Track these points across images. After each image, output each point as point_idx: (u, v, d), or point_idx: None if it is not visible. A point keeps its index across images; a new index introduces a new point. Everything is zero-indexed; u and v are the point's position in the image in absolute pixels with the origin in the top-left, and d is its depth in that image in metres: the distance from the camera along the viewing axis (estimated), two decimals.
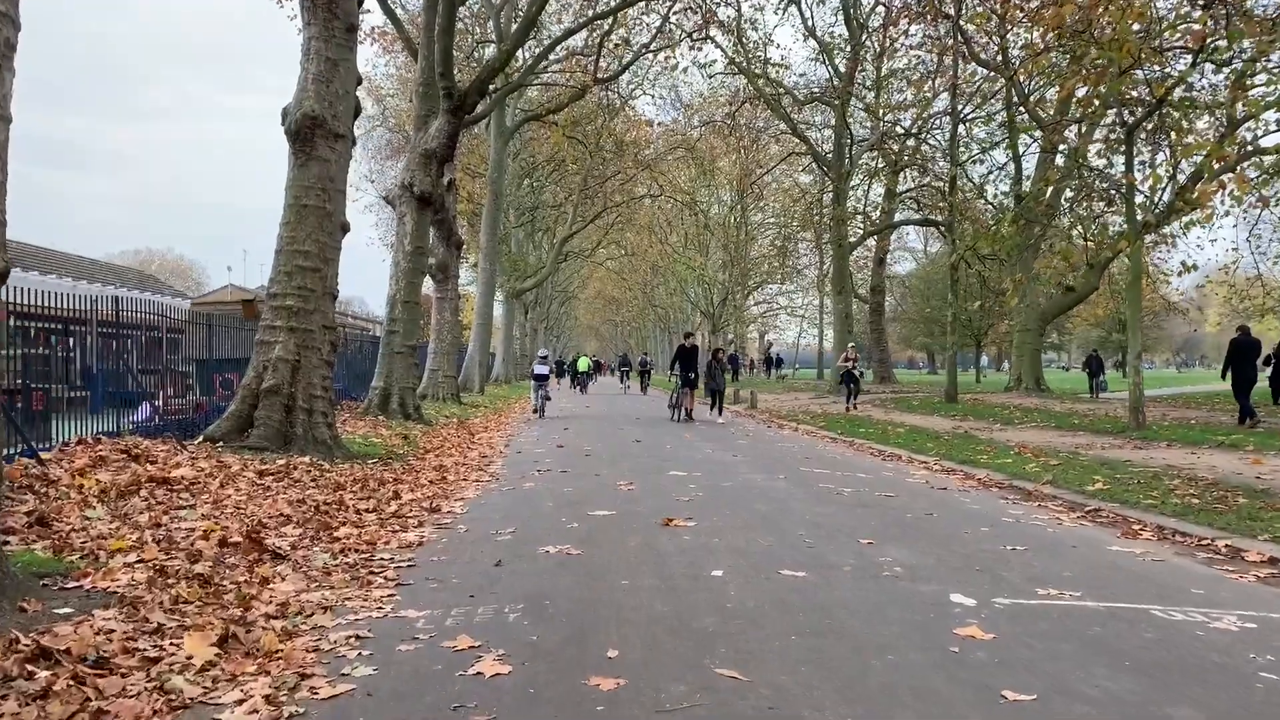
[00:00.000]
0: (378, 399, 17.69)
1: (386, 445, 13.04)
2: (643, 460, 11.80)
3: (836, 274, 32.85)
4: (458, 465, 11.31)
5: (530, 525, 6.96)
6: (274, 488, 8.42)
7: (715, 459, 12.00)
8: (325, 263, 11.62)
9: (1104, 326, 68.06)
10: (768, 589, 4.90)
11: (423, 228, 18.58)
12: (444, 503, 8.21)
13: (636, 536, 6.39)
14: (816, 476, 10.15)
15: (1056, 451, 12.44)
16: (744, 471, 10.52)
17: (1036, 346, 30.14)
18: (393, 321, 18.08)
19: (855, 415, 21.46)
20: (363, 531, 6.80)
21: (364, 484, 9.05)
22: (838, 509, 7.76)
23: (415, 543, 6.41)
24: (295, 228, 11.54)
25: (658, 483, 9.41)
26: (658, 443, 14.53)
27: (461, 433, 16.30)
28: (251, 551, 5.91)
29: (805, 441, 15.57)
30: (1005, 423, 18.13)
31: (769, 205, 53.72)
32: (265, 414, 10.98)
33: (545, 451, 13.12)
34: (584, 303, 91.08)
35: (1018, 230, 21.39)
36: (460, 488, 9.23)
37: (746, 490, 8.86)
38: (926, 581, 5.11)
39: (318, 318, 11.48)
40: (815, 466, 11.20)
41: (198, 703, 3.39)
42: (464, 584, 5.12)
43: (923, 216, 36.45)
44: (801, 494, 8.63)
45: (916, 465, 11.89)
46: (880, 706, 3.22)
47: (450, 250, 24.78)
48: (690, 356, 20.44)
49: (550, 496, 8.48)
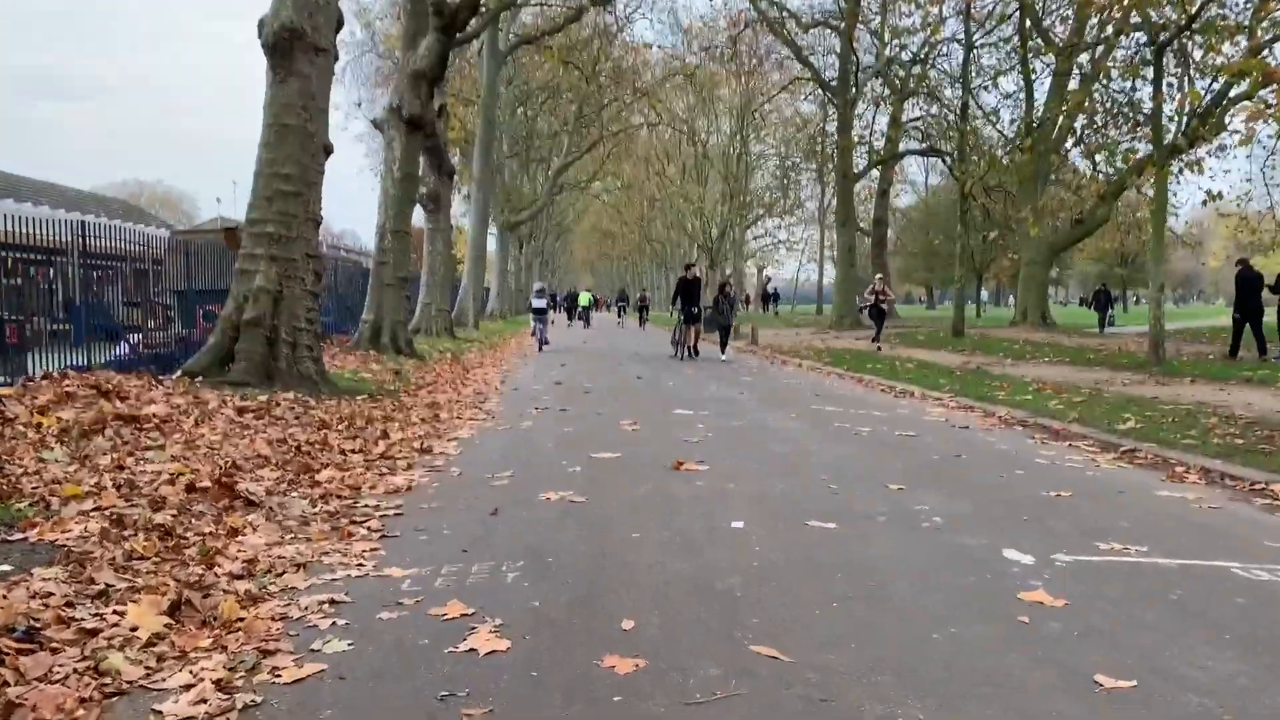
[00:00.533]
0: (368, 333, 17.06)
1: (377, 381, 12.47)
2: (646, 398, 11.25)
3: (840, 206, 32.01)
4: (451, 402, 10.75)
5: (529, 468, 6.42)
6: (253, 426, 7.86)
7: (721, 397, 11.45)
8: (307, 186, 10.90)
9: (1106, 261, 67.34)
10: (796, 544, 4.37)
11: (412, 153, 17.73)
12: (436, 443, 7.66)
13: (645, 482, 5.85)
14: (830, 415, 9.61)
15: (1077, 388, 11.91)
16: (753, 410, 9.97)
17: (1043, 280, 29.51)
18: (382, 252, 17.36)
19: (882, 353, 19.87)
20: (347, 475, 6.25)
21: (350, 422, 8.49)
22: (858, 450, 7.23)
23: (404, 487, 5.87)
24: (275, 149, 10.79)
25: (663, 422, 8.86)
26: (660, 380, 13.98)
27: (456, 368, 15.72)
28: (222, 498, 5.36)
29: (812, 378, 15.03)
30: (1016, 358, 17.59)
31: (770, 135, 52.44)
32: (246, 347, 10.37)
33: (543, 388, 12.56)
34: (579, 237, 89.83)
35: (1031, 159, 20.59)
36: (454, 427, 8.68)
37: (758, 430, 8.32)
38: (972, 534, 4.58)
39: (300, 245, 10.80)
40: (827, 404, 10.67)
41: (136, 687, 2.86)
42: (456, 536, 4.58)
43: (929, 146, 35.38)
44: (817, 434, 8.09)
45: (931, 402, 11.36)
46: (953, 697, 2.69)
47: (442, 179, 23.91)
48: (693, 289, 19.09)
49: (550, 437, 7.94)
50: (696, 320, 19.18)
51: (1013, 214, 35.96)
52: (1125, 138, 20.34)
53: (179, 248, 14.81)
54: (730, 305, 20.02)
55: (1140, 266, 66.16)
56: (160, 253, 14.37)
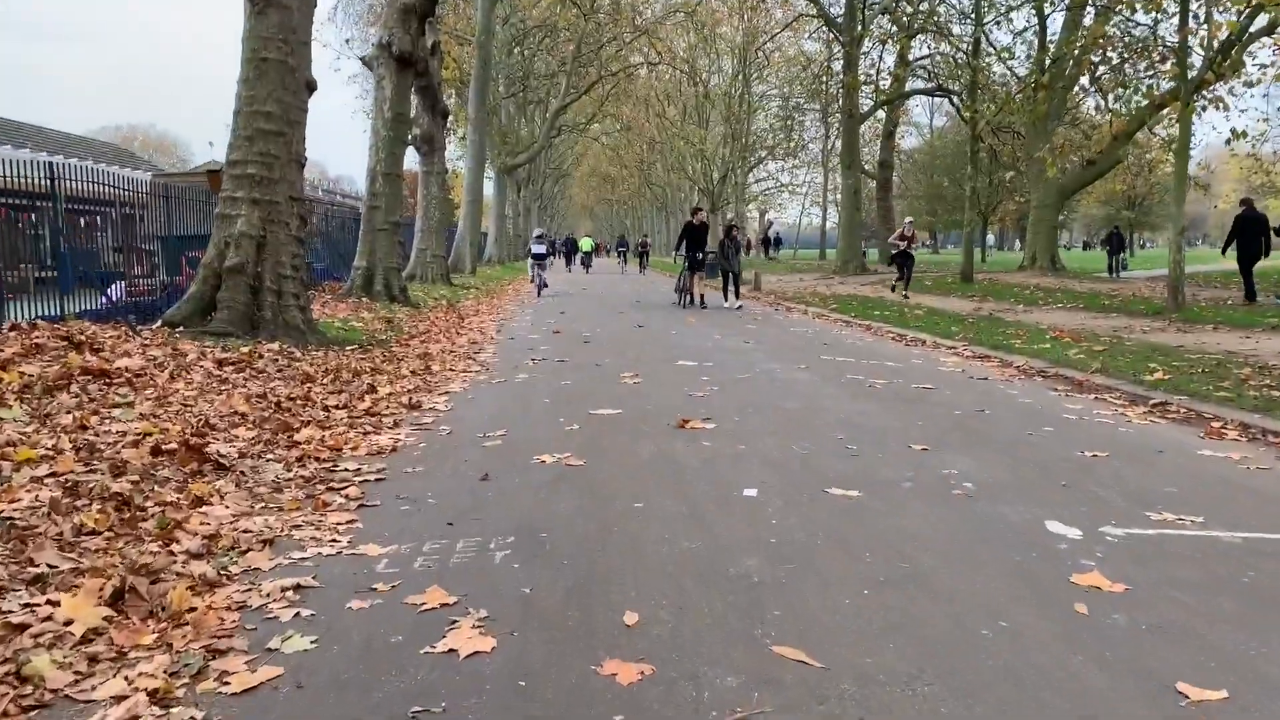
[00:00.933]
0: (360, 280, 16.56)
1: (368, 330, 12.01)
2: (647, 349, 10.80)
3: (845, 147, 31.20)
4: (444, 353, 10.31)
5: (523, 426, 5.99)
6: (232, 380, 7.42)
7: (726, 347, 11.00)
8: (290, 125, 10.32)
9: (1113, 203, 66.35)
10: (816, 516, 3.95)
11: (403, 92, 17.04)
12: (426, 397, 7.24)
13: (648, 442, 5.43)
14: (841, 366, 9.17)
15: (1096, 335, 11.46)
16: (760, 361, 9.53)
17: (1053, 224, 28.86)
18: (374, 196, 16.77)
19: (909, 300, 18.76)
20: (328, 434, 5.83)
21: (336, 375, 8.05)
22: (875, 405, 6.80)
23: (388, 448, 5.45)
24: (254, 85, 10.20)
25: (666, 375, 8.42)
26: (662, 329, 13.51)
27: (450, 316, 15.26)
28: (190, 461, 4.94)
29: (819, 326, 14.56)
30: (1028, 304, 17.11)
31: (773, 75, 51.16)
32: (229, 296, 9.91)
33: (540, 338, 12.11)
34: (578, 181, 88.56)
35: (1046, 97, 19.85)
36: (445, 379, 8.24)
37: (767, 383, 7.87)
38: (1009, 503, 4.17)
39: (283, 188, 10.27)
40: (837, 354, 10.22)
41: (61, 697, 2.46)
42: (441, 505, 4.17)
43: (938, 85, 34.41)
44: (830, 388, 7.65)
45: (944, 351, 10.92)
46: (1019, 710, 2.29)
47: (436, 120, 23.16)
48: (699, 235, 17.99)
49: (546, 391, 7.50)
50: (701, 267, 18.17)
51: (1022, 155, 35.20)
52: (1145, 74, 19.55)
53: (160, 191, 14.23)
54: (736, 250, 18.78)
55: (1148, 210, 65.29)
56: (142, 197, 13.80)
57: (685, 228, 18.51)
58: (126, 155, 43.37)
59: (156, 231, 13.95)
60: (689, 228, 18.19)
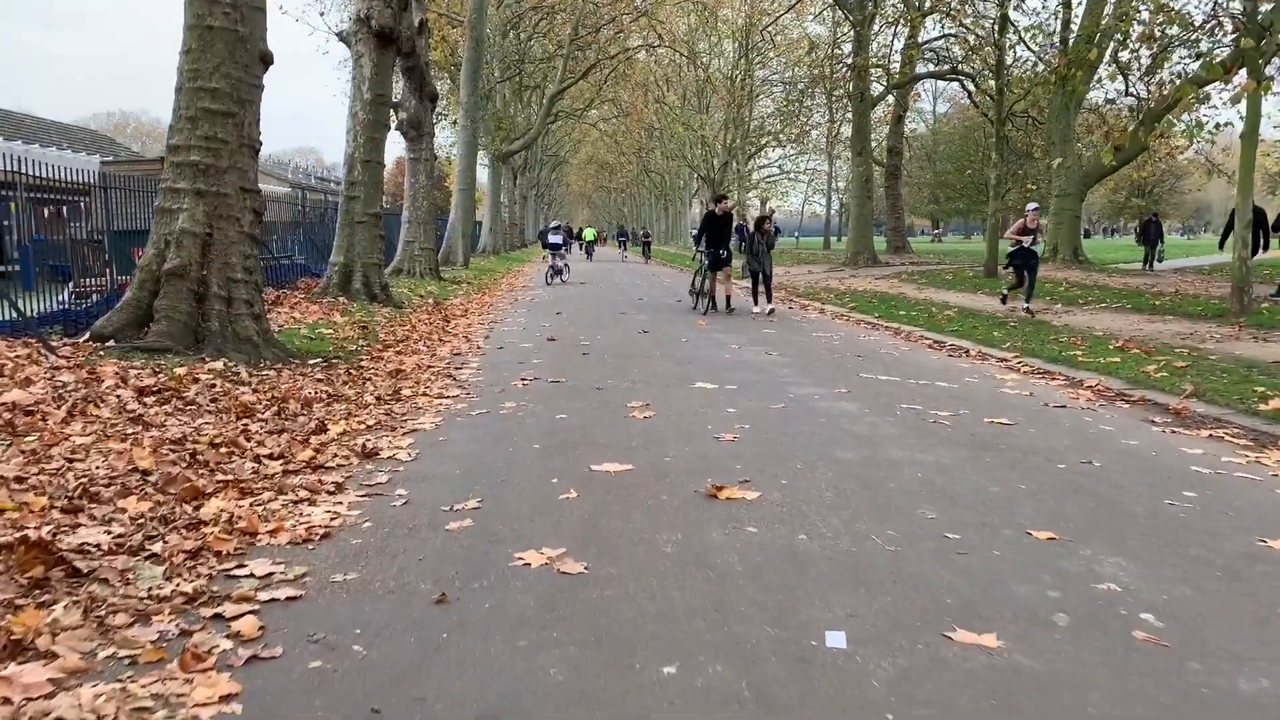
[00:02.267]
0: (337, 278, 15.12)
1: (338, 339, 10.58)
2: (656, 362, 9.37)
3: (855, 133, 29.72)
4: (420, 369, 8.88)
5: (504, 491, 4.57)
6: (150, 416, 6.00)
7: (747, 360, 9.57)
8: (240, 105, 8.87)
9: (1121, 191, 64.84)
10: (952, 695, 2.54)
11: (384, 71, 15.55)
12: (387, 439, 5.82)
13: (671, 526, 4.00)
14: (888, 389, 7.75)
15: (1168, 346, 10.04)
16: (791, 381, 8.10)
17: (1076, 213, 27.37)
18: (352, 185, 15.31)
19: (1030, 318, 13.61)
20: (247, 505, 4.43)
21: (283, 406, 6.63)
22: (952, 454, 5.37)
23: (320, 530, 4.03)
24: (199, 58, 8.75)
25: (682, 402, 6.99)
26: (670, 335, 12.08)
27: (435, 319, 13.81)
28: (33, 565, 3.52)
29: (842, 329, 13.13)
30: (1068, 303, 15.69)
31: (775, 60, 49.51)
32: (168, 304, 8.48)
33: (533, 346, 10.67)
34: (576, 168, 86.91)
35: (1084, 75, 18.37)
36: (415, 410, 6.81)
37: (808, 418, 6.44)
38: (1233, 665, 2.75)
39: (233, 177, 8.83)
40: (878, 371, 8.79)
41: None
42: (369, 663, 2.76)
43: (952, 67, 32.86)
44: (887, 425, 6.22)
45: (996, 365, 9.51)
46: None
47: (423, 103, 21.66)
48: (721, 227, 15.22)
49: (536, 428, 6.07)
50: (726, 264, 15.28)
51: (1039, 142, 33.68)
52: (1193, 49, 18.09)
53: (108, 181, 12.75)
54: (770, 246, 15.48)
55: (1157, 198, 63.76)
56: (84, 185, 12.33)
57: (706, 219, 15.79)
58: (106, 142, 41.76)
59: (108, 226, 12.46)
60: (710, 219, 15.51)
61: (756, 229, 15.53)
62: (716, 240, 15.06)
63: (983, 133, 50.79)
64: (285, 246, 19.19)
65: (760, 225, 15.59)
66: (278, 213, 18.97)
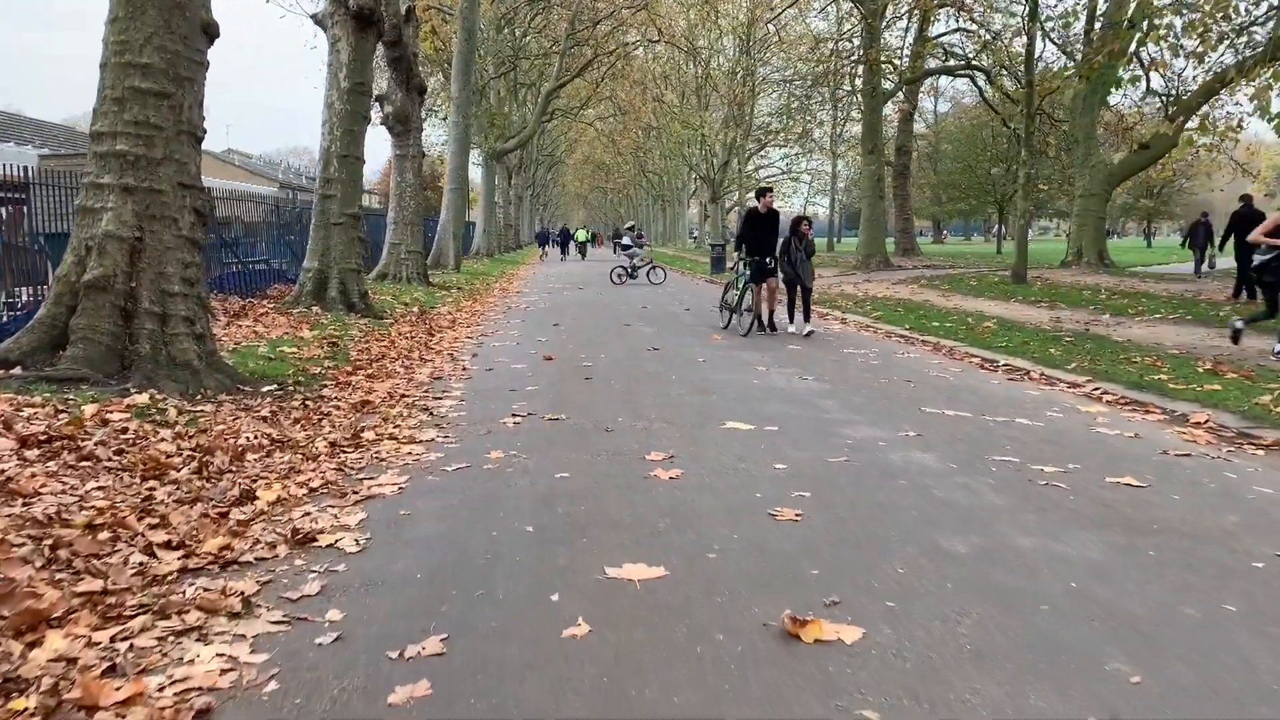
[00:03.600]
0: (311, 285, 13.67)
1: (301, 359, 9.14)
2: (672, 389, 7.94)
3: (867, 129, 28.34)
4: (393, 398, 7.44)
5: (480, 624, 3.12)
6: (24, 480, 4.55)
7: (779, 387, 8.14)
8: (178, 84, 7.45)
9: (1131, 192, 63.46)
10: None
11: (364, 57, 14.10)
12: (333, 511, 4.39)
13: (739, 703, 2.57)
14: (962, 429, 6.33)
15: (1270, 371, 8.63)
16: (841, 418, 6.66)
17: (1101, 215, 25.99)
18: (327, 183, 13.86)
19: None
20: (99, 633, 3.01)
21: (207, 460, 5.19)
22: (1102, 546, 3.94)
23: (196, 704, 2.60)
24: (127, 26, 7.34)
25: (714, 452, 5.55)
26: (683, 353, 10.65)
27: (418, 332, 12.36)
28: None
29: (874, 344, 11.72)
30: (1116, 313, 14.28)
31: (776, 57, 48.06)
32: (87, 323, 7.05)
33: (527, 368, 9.23)
34: (572, 169, 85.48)
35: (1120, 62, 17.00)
36: (377, 462, 5.37)
37: (882, 476, 4.99)
38: None
39: (169, 170, 7.40)
40: (939, 402, 7.37)
41: None
42: None
43: (966, 61, 31.48)
44: (987, 488, 4.79)
45: (1067, 390, 8.11)
46: None
47: (411, 96, 20.24)
48: (767, 228, 12.55)
49: (530, 497, 4.63)
50: (773, 274, 12.56)
51: (1054, 141, 32.30)
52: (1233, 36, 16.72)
53: (48, 178, 11.31)
54: (809, 253, 12.65)
55: (1166, 199, 62.46)
56: (18, 181, 10.86)
57: (747, 218, 12.96)
58: (81, 138, 40.13)
59: (34, 229, 11.02)
60: (753, 218, 12.67)
61: (793, 232, 12.71)
62: (761, 245, 12.39)
63: (990, 131, 49.57)
64: (259, 250, 17.73)
65: (797, 227, 12.73)
66: (250, 213, 17.52)
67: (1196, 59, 18.52)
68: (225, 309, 12.61)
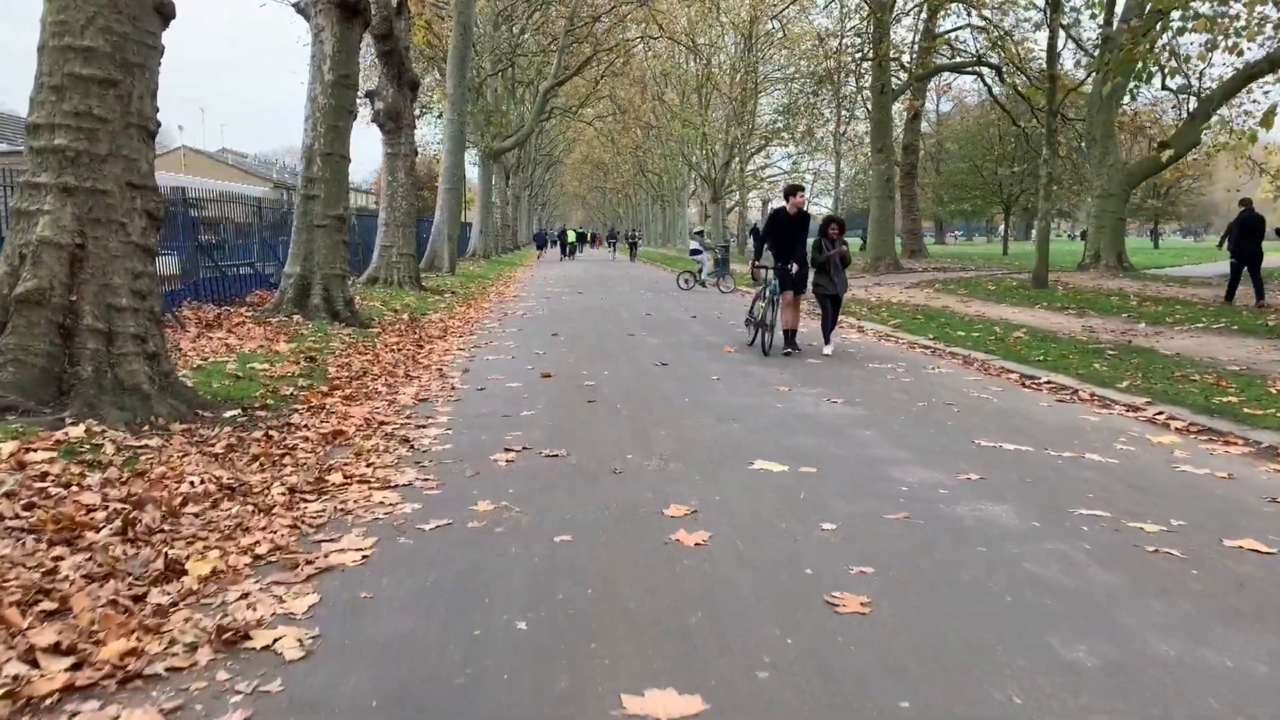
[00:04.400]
0: (292, 292, 12.77)
1: (270, 377, 8.24)
2: (686, 416, 7.05)
3: (876, 128, 27.46)
4: (370, 425, 6.55)
5: None
6: None
7: (807, 412, 7.25)
8: (126, 70, 6.57)
9: (1138, 192, 62.54)
10: None
11: (349, 48, 13.20)
12: (277, 592, 3.50)
13: None
14: (1030, 469, 5.44)
15: None
16: (885, 454, 5.77)
17: (1120, 215, 25.12)
18: (310, 183, 12.96)
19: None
20: None
21: (135, 517, 4.29)
22: (1262, 653, 3.06)
23: None
24: (67, 4, 6.48)
25: (745, 505, 4.65)
26: (694, 369, 9.76)
27: (406, 342, 11.47)
28: None
29: (899, 356, 10.84)
30: (1151, 321, 13.39)
31: (779, 56, 47.14)
32: (18, 343, 6.15)
33: (522, 387, 8.34)
34: (570, 169, 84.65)
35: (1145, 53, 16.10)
36: (341, 515, 4.48)
37: (956, 540, 4.09)
38: None
39: (116, 168, 6.51)
40: (990, 430, 6.48)
41: None
42: None
43: (977, 58, 30.60)
44: (1084, 556, 3.89)
45: (1126, 414, 7.23)
46: None
47: (403, 92, 19.36)
48: (795, 233, 10.72)
49: (522, 572, 3.73)
50: (800, 287, 10.76)
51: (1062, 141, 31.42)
52: None
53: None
54: (844, 262, 10.88)
55: (1173, 200, 61.62)
56: None
57: (773, 219, 11.03)
58: None
59: None
60: (779, 219, 10.83)
61: (822, 233, 10.86)
62: (787, 251, 10.63)
63: (996, 130, 48.72)
64: (243, 252, 16.83)
65: (827, 229, 10.88)
66: (231, 214, 16.62)
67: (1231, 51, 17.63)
68: (199, 318, 11.73)
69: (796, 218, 10.76)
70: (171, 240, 13.70)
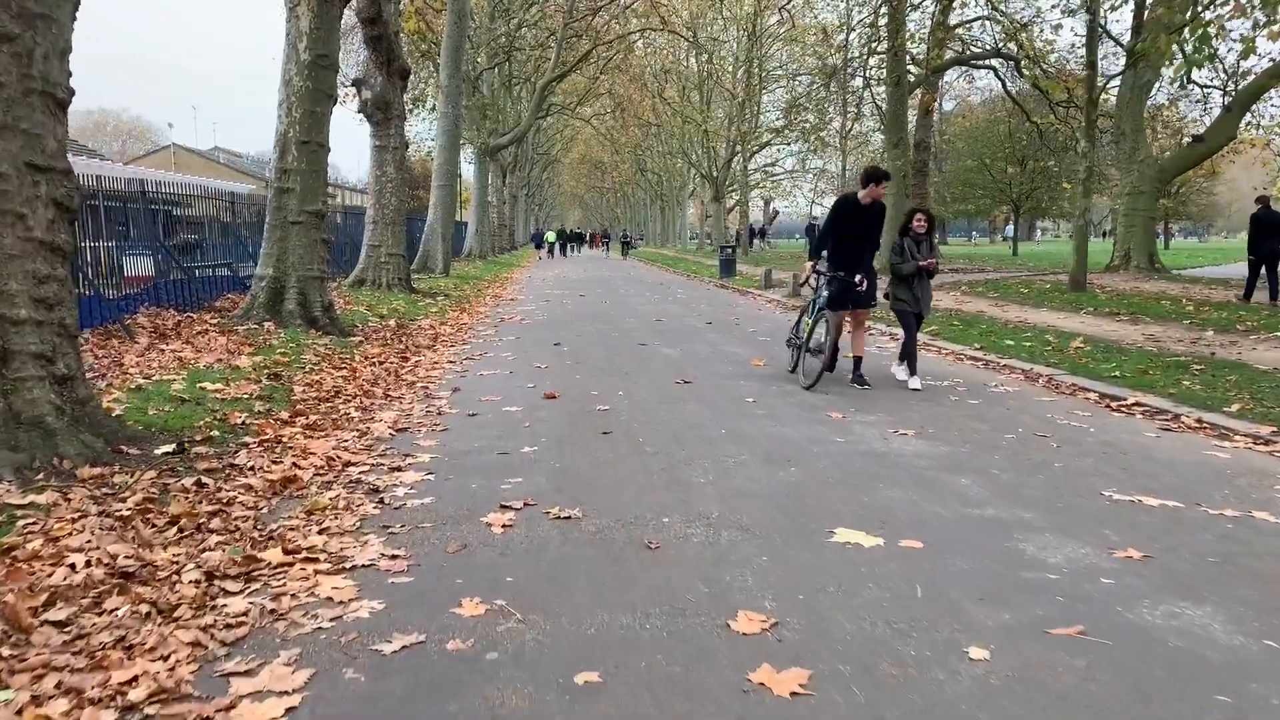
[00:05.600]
0: (264, 296, 11.41)
1: (221, 401, 6.88)
2: (727, 454, 5.71)
3: (890, 123, 26.13)
4: (332, 468, 5.21)
5: None
6: None
7: (875, 450, 5.90)
8: (26, 23, 5.24)
9: None
10: None
11: (328, 25, 11.83)
12: None
13: None
14: (1200, 540, 4.11)
15: None
16: (1010, 520, 4.43)
17: (1151, 214, 23.85)
18: (284, 174, 11.59)
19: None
20: None
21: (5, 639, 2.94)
22: None
23: None
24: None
25: (847, 614, 3.31)
26: (726, 391, 8.40)
27: (389, 354, 10.12)
28: None
29: (955, 371, 9.50)
30: (1220, 329, 12.06)
31: (782, 52, 45.81)
32: None
33: (522, 412, 6.99)
34: (568, 168, 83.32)
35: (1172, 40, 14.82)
36: (264, 637, 3.14)
37: (1180, 689, 2.77)
38: None
39: (12, 144, 5.18)
40: (1112, 479, 5.15)
41: None
42: None
43: (996, 49, 29.26)
44: None
45: (1258, 447, 5.92)
46: None
47: (392, 80, 18.00)
48: (865, 231, 8.06)
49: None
50: (868, 301, 8.22)
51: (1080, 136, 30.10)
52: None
53: None
54: (930, 273, 8.45)
55: (1185, 199, 60.34)
56: None
57: (839, 210, 8.25)
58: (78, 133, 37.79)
59: None
60: (845, 211, 8.16)
61: (903, 232, 8.51)
62: (852, 255, 8.04)
63: (1007, 127, 47.40)
64: (219, 253, 15.49)
65: (909, 228, 8.49)
66: (205, 210, 15.27)
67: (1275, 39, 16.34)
68: (155, 326, 10.38)
69: (871, 211, 8.08)
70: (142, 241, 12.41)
